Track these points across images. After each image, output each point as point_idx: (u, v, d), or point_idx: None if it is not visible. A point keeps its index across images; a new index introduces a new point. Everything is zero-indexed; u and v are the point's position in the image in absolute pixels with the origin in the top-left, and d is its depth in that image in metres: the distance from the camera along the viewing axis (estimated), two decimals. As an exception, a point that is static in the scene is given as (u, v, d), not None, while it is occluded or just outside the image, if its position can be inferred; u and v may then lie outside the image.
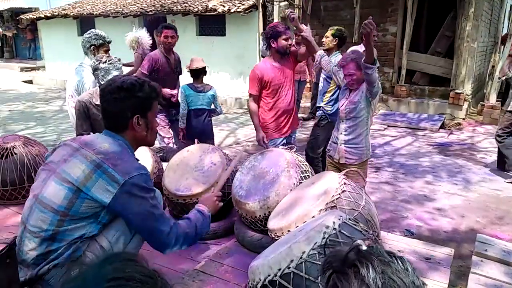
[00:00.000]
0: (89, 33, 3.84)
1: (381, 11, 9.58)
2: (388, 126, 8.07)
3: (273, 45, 3.66)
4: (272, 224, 2.04)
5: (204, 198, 2.11)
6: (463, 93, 8.40)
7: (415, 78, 9.78)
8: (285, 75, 3.75)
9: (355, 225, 1.46)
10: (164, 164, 3.11)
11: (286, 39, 3.62)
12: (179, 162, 2.87)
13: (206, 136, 4.44)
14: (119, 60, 3.46)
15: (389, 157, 6.19)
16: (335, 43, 4.38)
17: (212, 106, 4.59)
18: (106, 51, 3.82)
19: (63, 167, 1.71)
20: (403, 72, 9.31)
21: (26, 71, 17.53)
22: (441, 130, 7.87)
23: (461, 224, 4.06)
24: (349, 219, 1.49)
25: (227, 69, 10.79)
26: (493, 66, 9.61)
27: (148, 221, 1.69)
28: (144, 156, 2.96)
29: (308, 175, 2.38)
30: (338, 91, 3.83)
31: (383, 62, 9.66)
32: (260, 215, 2.29)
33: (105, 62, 3.24)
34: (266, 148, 3.60)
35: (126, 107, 1.76)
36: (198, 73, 4.43)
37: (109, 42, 3.89)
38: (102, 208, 1.66)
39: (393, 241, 2.53)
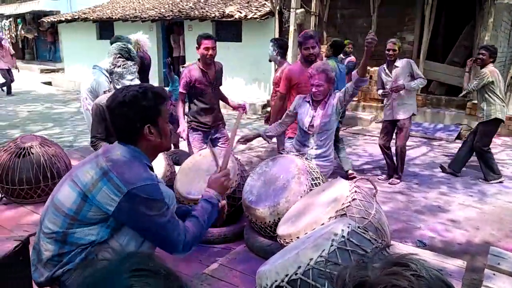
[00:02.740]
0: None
1: (398, 20, 9.54)
2: (403, 135, 7.98)
3: (300, 52, 4.05)
4: (281, 230, 2.04)
5: (212, 180, 1.98)
6: (480, 103, 8.28)
7: (432, 88, 9.69)
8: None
9: (364, 233, 1.45)
10: (177, 168, 3.14)
11: (306, 49, 3.90)
12: (191, 166, 2.89)
13: None
14: (134, 63, 3.48)
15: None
16: (331, 51, 5.72)
17: None
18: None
19: (78, 171, 1.73)
20: (420, 81, 9.22)
21: (45, 72, 17.89)
22: (457, 140, 7.75)
23: (475, 236, 3.99)
24: (359, 227, 1.48)
25: (242, 74, 10.84)
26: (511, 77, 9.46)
27: (153, 231, 1.67)
28: (157, 159, 2.99)
29: (319, 182, 2.37)
30: None
31: (400, 71, 9.59)
32: (270, 221, 2.29)
33: (120, 66, 3.29)
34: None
35: (134, 120, 1.71)
36: None
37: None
38: (108, 215, 1.65)
39: (404, 252, 2.50)
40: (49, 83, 15.39)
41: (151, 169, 1.80)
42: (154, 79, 12.62)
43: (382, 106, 6.01)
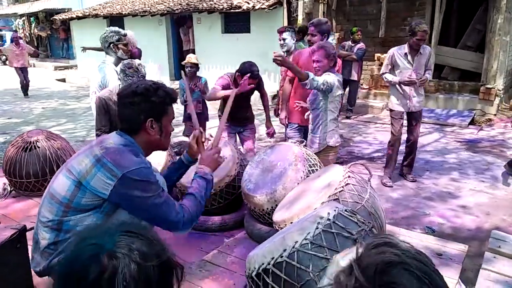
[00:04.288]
0: (105, 32, 3.93)
1: (408, 5, 9.37)
2: (415, 122, 7.88)
3: None
4: (276, 216, 2.05)
5: (204, 157, 2.05)
6: (494, 88, 8.10)
7: (445, 73, 9.51)
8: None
9: (351, 216, 1.44)
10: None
11: (307, 35, 4.24)
12: (192, 156, 2.91)
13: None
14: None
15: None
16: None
17: None
18: (125, 45, 3.90)
19: (73, 161, 1.79)
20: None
21: (59, 69, 18.16)
22: (470, 126, 7.62)
23: (485, 222, 3.93)
24: (346, 210, 1.47)
25: (252, 66, 10.80)
26: (527, 60, 9.21)
27: (151, 212, 1.72)
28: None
29: (316, 169, 2.37)
30: None
31: (411, 57, 9.43)
32: (267, 208, 2.30)
33: (131, 68, 3.34)
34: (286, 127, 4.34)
35: (140, 111, 1.79)
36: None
37: (124, 35, 3.95)
38: (103, 200, 1.69)
39: (406, 237, 2.48)
40: (63, 80, 15.61)
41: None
42: (164, 72, 12.70)
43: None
